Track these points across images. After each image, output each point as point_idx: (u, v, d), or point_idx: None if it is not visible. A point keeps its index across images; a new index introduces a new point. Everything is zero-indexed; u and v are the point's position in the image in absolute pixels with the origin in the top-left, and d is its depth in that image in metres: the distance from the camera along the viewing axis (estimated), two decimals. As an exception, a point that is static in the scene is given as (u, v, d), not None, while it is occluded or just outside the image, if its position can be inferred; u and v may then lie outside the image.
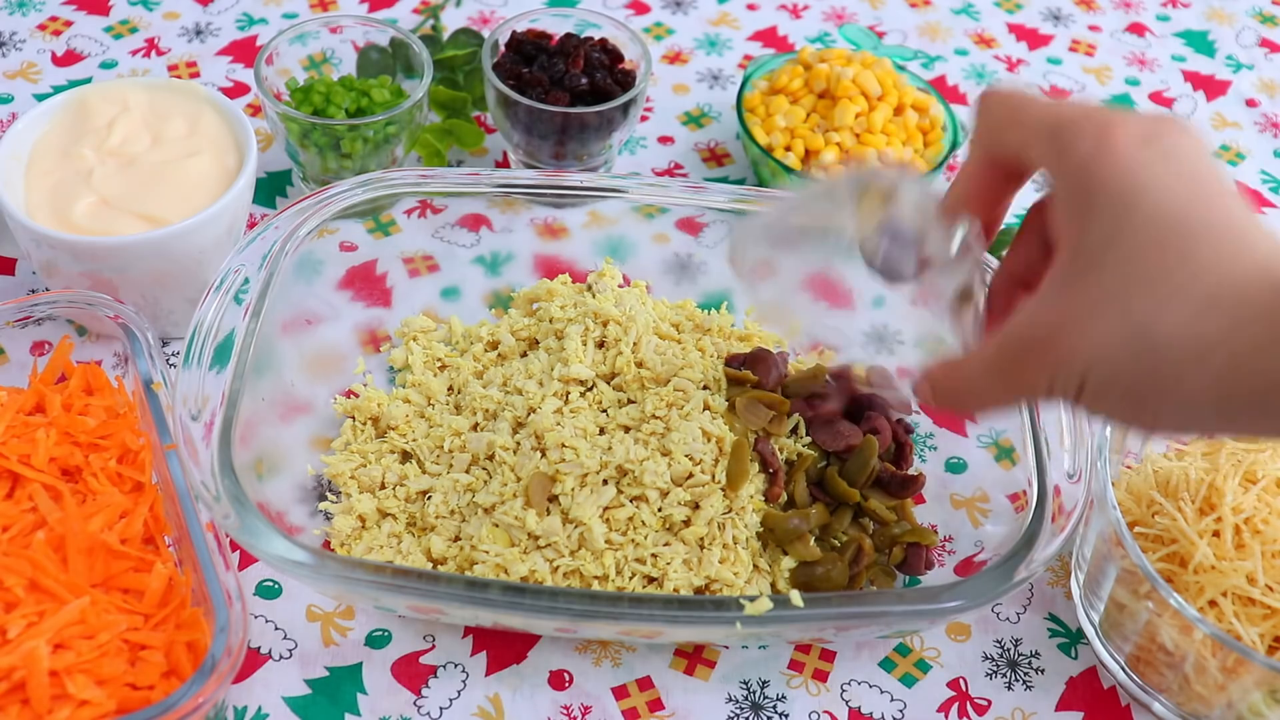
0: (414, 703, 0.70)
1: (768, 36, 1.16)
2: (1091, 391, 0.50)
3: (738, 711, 0.71)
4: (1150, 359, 0.48)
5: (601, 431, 0.73)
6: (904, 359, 0.85)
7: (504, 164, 1.01)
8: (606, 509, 0.70)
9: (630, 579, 0.69)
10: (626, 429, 0.73)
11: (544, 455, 0.71)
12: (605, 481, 0.70)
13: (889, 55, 1.05)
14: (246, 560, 0.74)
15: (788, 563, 0.71)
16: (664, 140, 1.05)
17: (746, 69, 1.03)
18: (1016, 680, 0.73)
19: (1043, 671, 0.74)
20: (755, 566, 0.71)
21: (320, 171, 0.92)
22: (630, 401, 0.75)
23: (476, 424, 0.76)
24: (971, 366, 0.55)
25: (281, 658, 0.71)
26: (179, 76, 1.05)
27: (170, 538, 0.69)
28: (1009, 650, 0.74)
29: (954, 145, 0.97)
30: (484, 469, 0.74)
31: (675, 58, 1.13)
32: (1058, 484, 0.69)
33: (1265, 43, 1.22)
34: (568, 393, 0.74)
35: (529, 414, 0.73)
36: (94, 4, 1.11)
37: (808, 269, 0.65)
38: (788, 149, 0.95)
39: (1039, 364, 0.51)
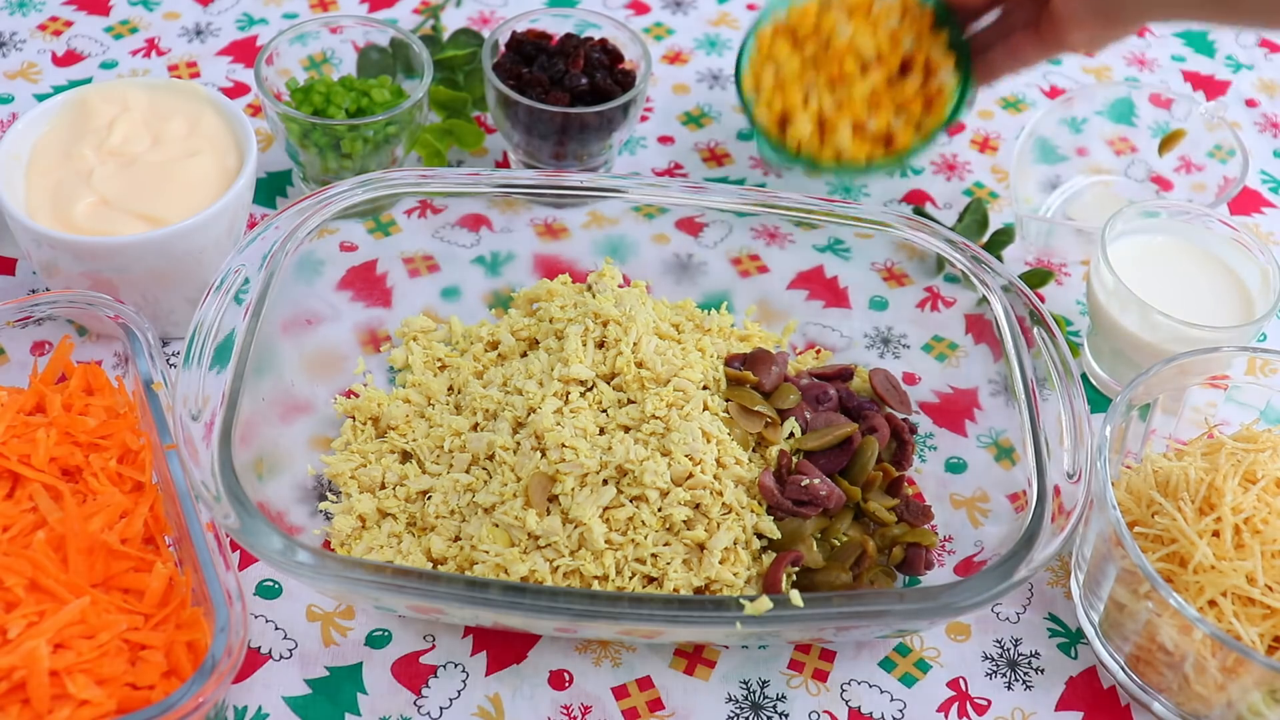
0: (414, 703, 0.70)
1: (768, 36, 1.16)
2: None
3: (738, 711, 0.71)
4: None
5: (601, 431, 0.73)
6: (909, 362, 0.85)
7: (504, 164, 1.01)
8: (606, 509, 0.70)
9: (630, 579, 0.69)
10: (626, 429, 0.73)
11: (544, 455, 0.71)
12: (605, 481, 0.70)
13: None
14: (246, 560, 0.74)
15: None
16: (664, 140, 1.05)
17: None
18: (1016, 680, 0.73)
19: (1042, 671, 0.74)
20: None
21: (320, 171, 0.92)
22: (630, 401, 0.75)
23: (476, 424, 0.76)
24: None
25: (281, 658, 0.71)
26: (179, 76, 1.05)
27: (170, 538, 0.69)
28: (1009, 650, 0.74)
29: (955, 113, 0.88)
30: (484, 469, 0.74)
31: (675, 58, 1.13)
32: (1057, 484, 0.69)
33: (1265, 43, 1.21)
34: (568, 393, 0.74)
35: (529, 414, 0.74)
36: (94, 4, 1.11)
37: None
38: (770, 104, 0.88)
39: None
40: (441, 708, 0.70)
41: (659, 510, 0.70)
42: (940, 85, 0.89)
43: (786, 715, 0.71)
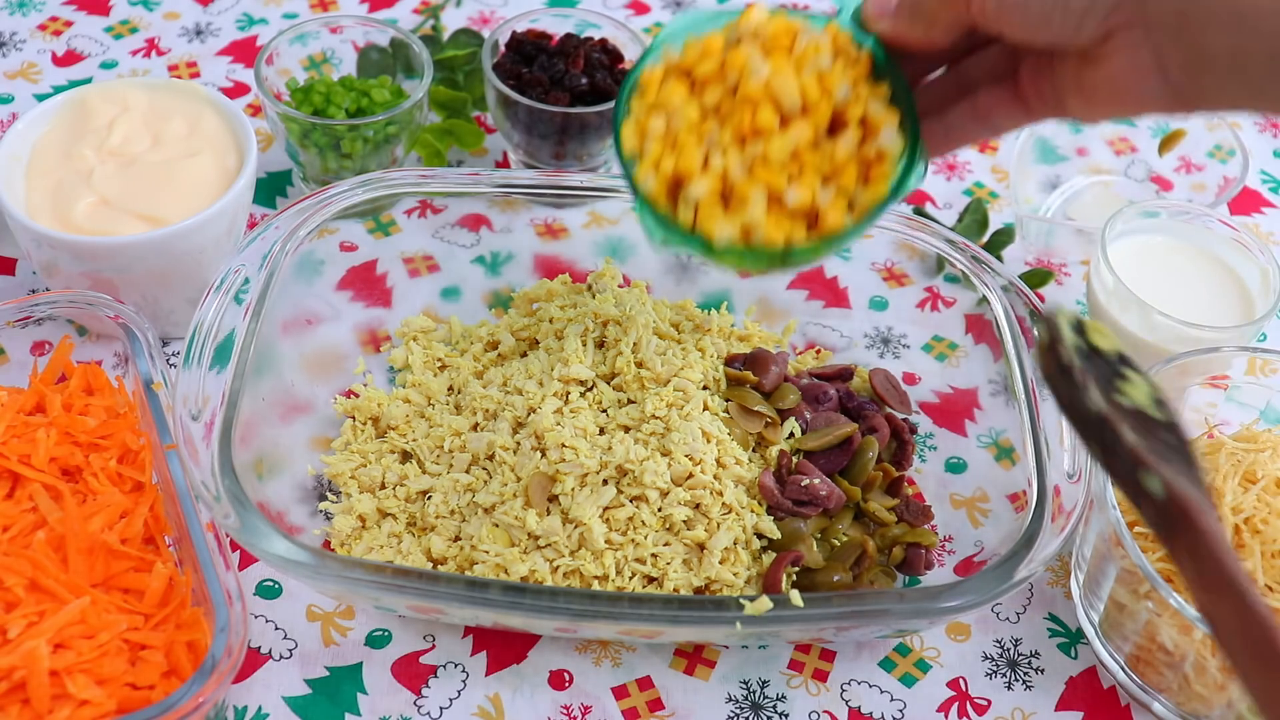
0: (414, 703, 0.70)
1: (768, 36, 1.16)
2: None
3: (738, 711, 0.71)
4: None
5: (601, 431, 0.73)
6: (909, 362, 0.85)
7: (504, 164, 1.01)
8: (606, 509, 0.70)
9: (630, 579, 0.69)
10: (626, 429, 0.73)
11: (544, 455, 0.71)
12: (605, 481, 0.70)
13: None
14: (246, 560, 0.74)
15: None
16: (664, 140, 1.05)
17: (664, 28, 0.67)
18: (1016, 680, 0.73)
19: (1042, 671, 0.74)
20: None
21: (320, 171, 0.92)
22: (630, 401, 0.75)
23: (476, 424, 0.76)
24: None
25: (281, 658, 0.71)
26: (179, 76, 1.05)
27: (170, 538, 0.69)
28: (1009, 650, 0.74)
29: (900, 188, 0.63)
30: (484, 469, 0.74)
31: (675, 58, 1.13)
32: (1058, 484, 0.69)
33: (1265, 43, 1.21)
34: (568, 393, 0.75)
35: (529, 414, 0.74)
36: (94, 4, 1.11)
37: None
38: (658, 165, 0.64)
39: None
40: (441, 708, 0.70)
41: (659, 510, 0.70)
42: (881, 149, 0.64)
43: (786, 715, 0.71)
